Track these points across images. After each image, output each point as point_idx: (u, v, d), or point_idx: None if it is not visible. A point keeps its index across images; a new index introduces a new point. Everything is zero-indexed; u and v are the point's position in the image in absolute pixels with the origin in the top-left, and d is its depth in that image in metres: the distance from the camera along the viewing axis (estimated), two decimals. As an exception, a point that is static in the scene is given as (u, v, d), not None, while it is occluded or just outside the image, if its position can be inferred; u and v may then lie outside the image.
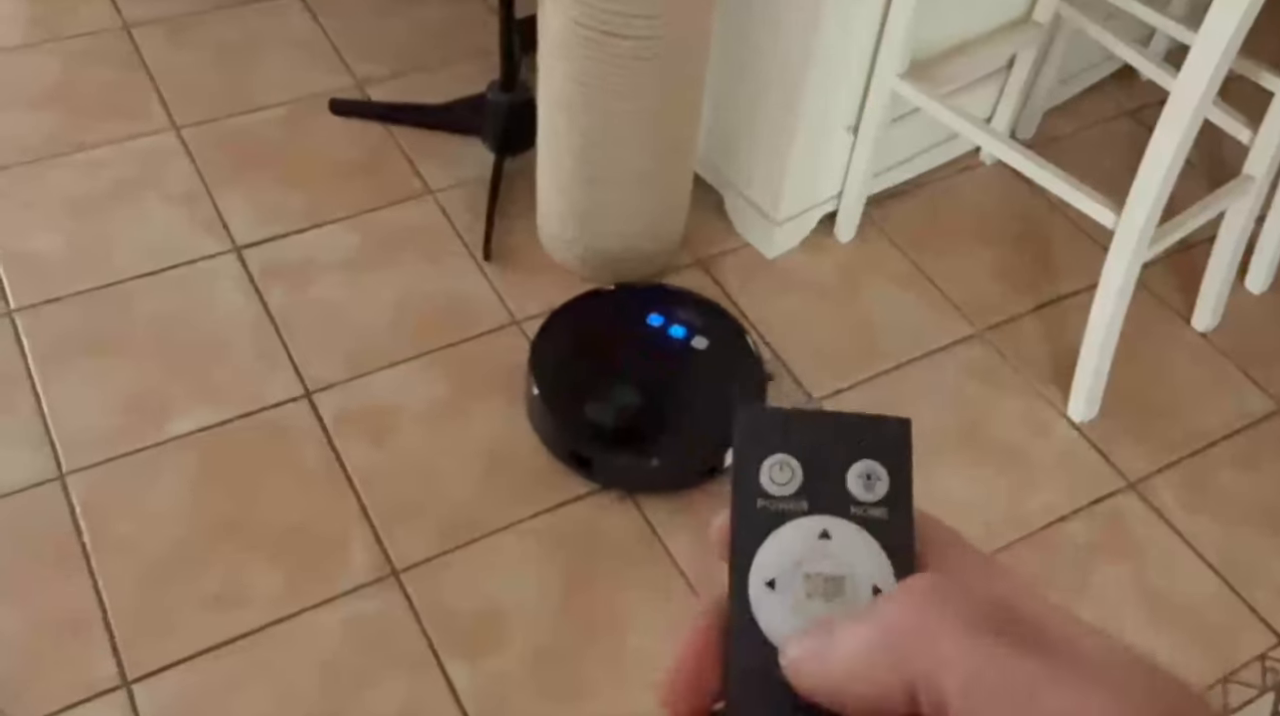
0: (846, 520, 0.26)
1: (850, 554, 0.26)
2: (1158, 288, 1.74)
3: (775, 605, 0.26)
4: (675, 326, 1.51)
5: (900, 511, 0.26)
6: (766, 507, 0.27)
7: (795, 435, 0.27)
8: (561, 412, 1.43)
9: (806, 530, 0.26)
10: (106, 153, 1.77)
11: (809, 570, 0.26)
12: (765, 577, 0.26)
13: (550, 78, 1.50)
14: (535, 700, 1.25)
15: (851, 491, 0.27)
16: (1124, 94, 2.05)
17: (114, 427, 1.43)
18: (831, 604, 0.26)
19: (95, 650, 1.24)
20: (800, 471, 0.27)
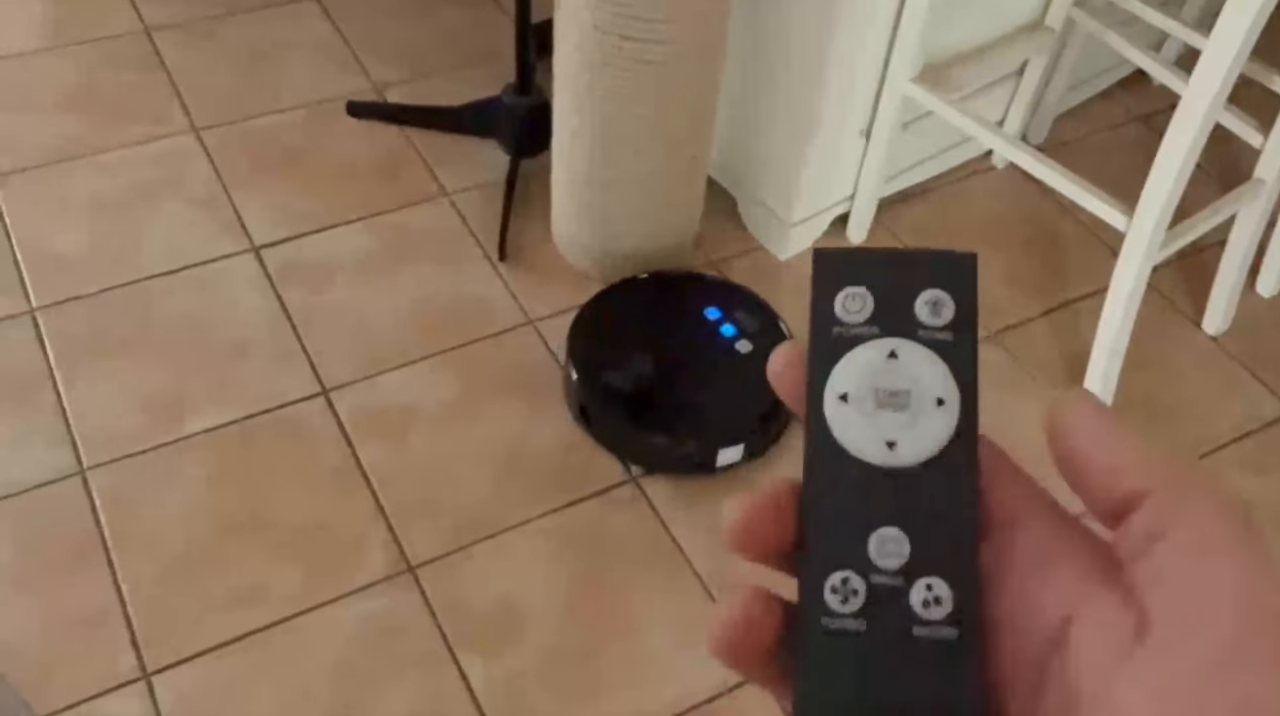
0: (913, 342, 0.29)
1: (915, 370, 0.28)
2: (1168, 291, 1.75)
3: (847, 414, 0.28)
4: (727, 324, 1.53)
5: (964, 335, 0.29)
6: (840, 334, 0.29)
7: (868, 269, 0.29)
8: (583, 368, 1.47)
9: (877, 351, 0.29)
10: (127, 154, 1.79)
11: (878, 385, 0.28)
12: (839, 393, 0.28)
13: (566, 81, 1.51)
14: (550, 698, 1.27)
15: (919, 317, 0.29)
16: (1135, 99, 2.06)
17: (134, 425, 1.45)
18: (899, 414, 0.28)
19: (115, 643, 1.26)
20: (871, 301, 0.29)
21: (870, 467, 0.28)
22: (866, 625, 0.27)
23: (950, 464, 0.28)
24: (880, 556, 0.27)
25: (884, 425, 0.28)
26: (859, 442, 0.28)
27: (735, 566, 0.29)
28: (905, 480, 0.28)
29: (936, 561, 0.27)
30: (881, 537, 0.27)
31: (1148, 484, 0.25)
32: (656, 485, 1.45)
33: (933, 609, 0.27)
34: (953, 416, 0.28)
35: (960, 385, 0.28)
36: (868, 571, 0.27)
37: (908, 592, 0.27)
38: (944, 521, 0.27)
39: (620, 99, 1.47)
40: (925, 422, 0.28)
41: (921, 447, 0.28)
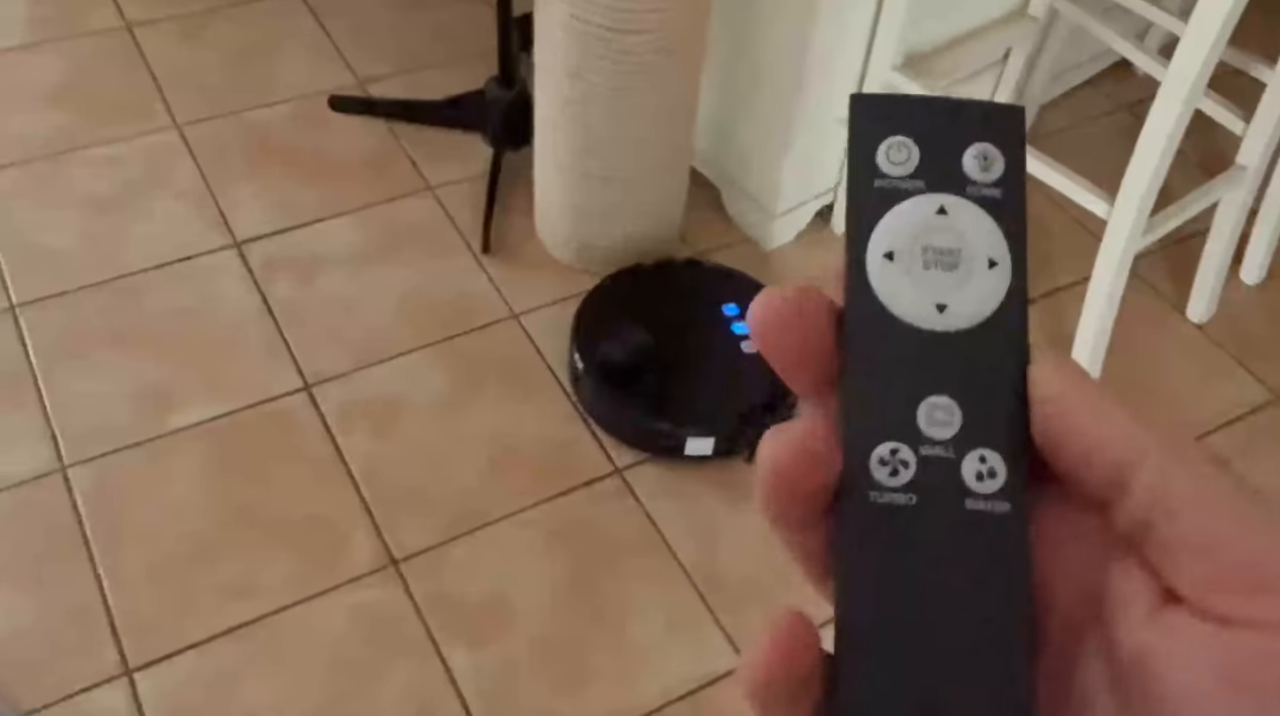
0: (963, 198, 0.27)
1: (966, 229, 0.27)
2: (1152, 279, 1.75)
3: (893, 275, 0.27)
4: (741, 323, 1.53)
5: (1014, 193, 0.27)
6: (883, 187, 0.27)
7: (911, 118, 0.27)
8: (582, 334, 1.50)
9: (924, 206, 0.27)
10: (112, 151, 1.79)
11: (926, 243, 0.27)
12: (883, 250, 0.27)
13: (546, 73, 1.51)
14: (537, 689, 1.27)
15: (967, 172, 0.27)
16: (1119, 88, 2.06)
17: (119, 420, 1.45)
18: (948, 275, 0.26)
19: (99, 639, 1.26)
20: (917, 152, 0.27)
21: (919, 332, 0.26)
22: (916, 499, 0.25)
23: (1003, 329, 0.26)
24: (930, 426, 0.26)
25: (933, 286, 0.26)
26: (906, 305, 0.26)
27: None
28: (956, 345, 0.26)
29: (989, 432, 0.26)
30: (931, 406, 0.26)
31: (1136, 456, 0.24)
32: (642, 477, 1.45)
33: (986, 482, 0.25)
34: (1005, 278, 0.26)
35: (1011, 245, 0.27)
36: (917, 442, 0.26)
37: (959, 465, 0.25)
38: (997, 390, 0.26)
39: (601, 91, 1.47)
40: (977, 284, 0.26)
41: (974, 310, 0.26)
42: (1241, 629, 0.22)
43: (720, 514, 1.43)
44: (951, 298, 0.26)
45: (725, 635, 1.32)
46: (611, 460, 1.46)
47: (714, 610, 1.34)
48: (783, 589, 1.35)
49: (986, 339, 0.26)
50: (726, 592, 1.35)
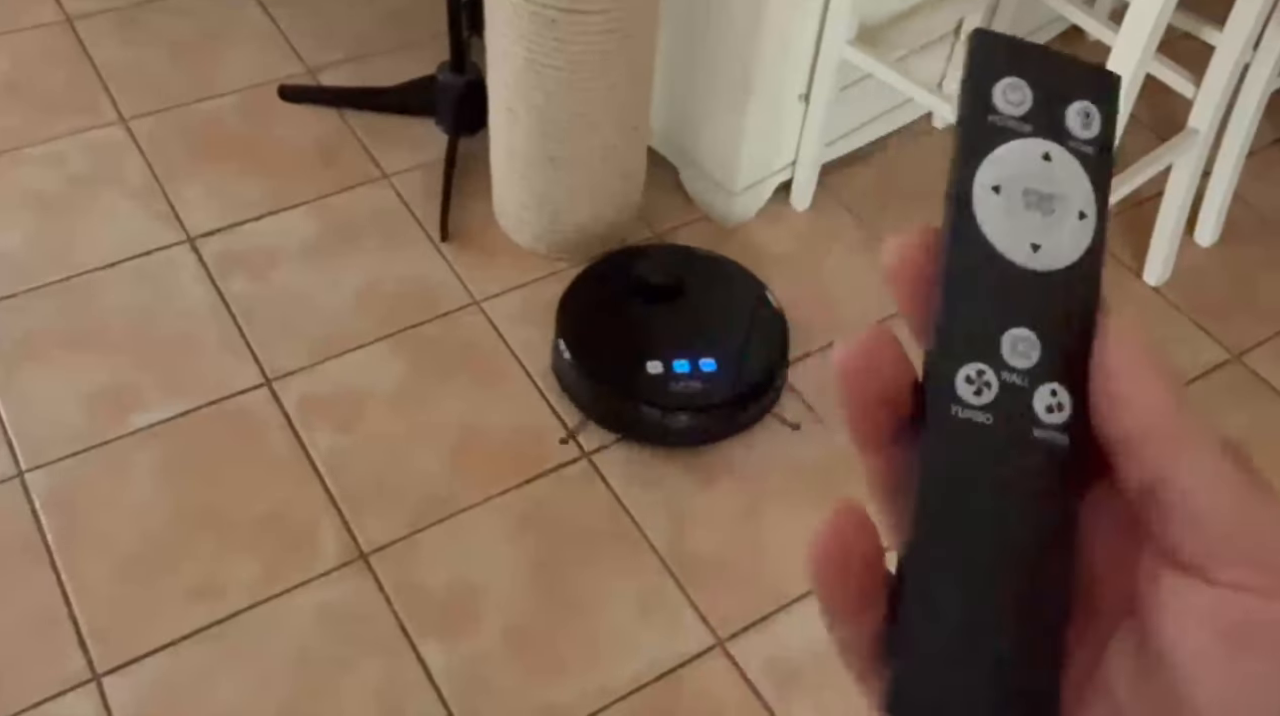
0: (1065, 149, 0.28)
1: (1066, 178, 0.28)
2: (1109, 243, 1.76)
3: (995, 207, 0.28)
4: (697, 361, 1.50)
5: (1105, 153, 0.29)
6: (995, 123, 0.28)
7: (1026, 63, 0.29)
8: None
9: (1032, 149, 0.28)
10: (56, 148, 1.75)
11: (1030, 185, 0.28)
12: (991, 184, 0.28)
13: (498, 57, 1.49)
14: (511, 678, 1.26)
15: (1069, 126, 0.28)
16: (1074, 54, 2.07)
17: (75, 424, 1.42)
18: (1045, 218, 0.28)
19: (64, 645, 1.24)
20: (1030, 96, 0.28)
21: (1013, 266, 0.28)
22: (993, 419, 0.27)
23: (1085, 275, 0.28)
24: (1012, 355, 0.27)
25: (1030, 225, 0.28)
26: (1005, 239, 0.28)
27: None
28: (1044, 284, 0.28)
29: (1061, 368, 0.27)
30: (1015, 337, 0.28)
31: (1151, 429, 0.25)
32: (611, 460, 1.45)
33: (1054, 414, 0.27)
34: (1090, 230, 0.28)
35: (1099, 202, 0.28)
36: (1000, 368, 0.27)
37: (1032, 395, 0.27)
38: (1072, 331, 0.27)
39: (554, 72, 1.45)
40: (1068, 231, 0.28)
41: (1063, 255, 0.28)
42: (1238, 592, 0.23)
43: (691, 496, 1.43)
44: (1045, 239, 0.28)
45: (698, 614, 1.32)
46: (579, 445, 1.46)
47: (687, 591, 1.34)
48: (755, 567, 1.36)
49: (1069, 283, 0.28)
50: (699, 573, 1.35)
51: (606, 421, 1.47)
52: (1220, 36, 1.51)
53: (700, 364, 1.45)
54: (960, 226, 0.28)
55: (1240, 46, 1.47)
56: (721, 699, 1.26)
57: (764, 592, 1.34)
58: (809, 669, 1.28)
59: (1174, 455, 0.25)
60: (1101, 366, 0.26)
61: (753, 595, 1.34)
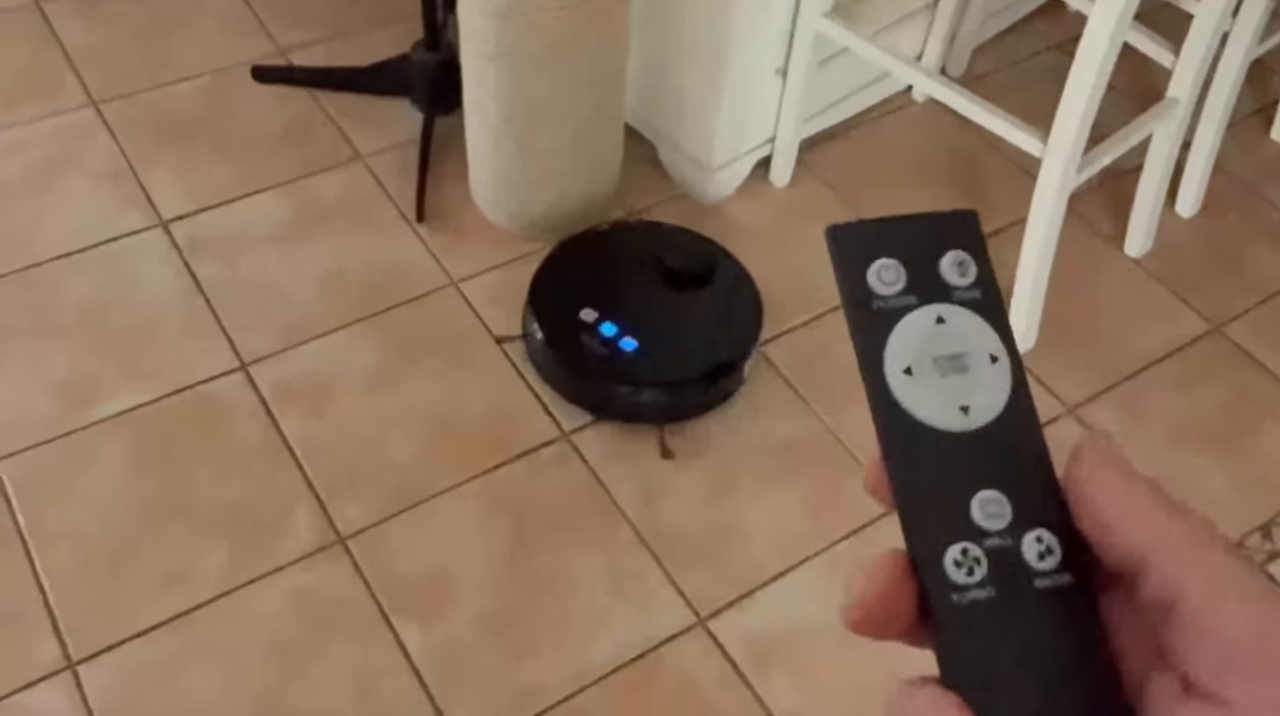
0: (953, 304, 0.29)
1: (964, 332, 0.29)
2: (1089, 215, 1.75)
3: (917, 388, 0.28)
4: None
5: (991, 289, 0.30)
6: (882, 307, 0.29)
7: (888, 239, 0.30)
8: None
9: (924, 318, 0.29)
10: (23, 133, 1.72)
11: (936, 353, 0.29)
12: (901, 367, 0.29)
13: (472, 36, 1.47)
14: (488, 659, 1.25)
15: (948, 279, 0.29)
16: (1050, 28, 2.05)
17: (44, 412, 1.40)
18: (962, 377, 0.29)
19: (37, 634, 1.22)
20: (903, 270, 0.29)
21: (951, 435, 0.28)
22: (995, 591, 0.27)
23: (1019, 414, 0.28)
24: (985, 519, 0.28)
25: (952, 391, 0.28)
26: (934, 413, 0.28)
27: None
28: (986, 440, 0.28)
29: (1037, 512, 0.28)
30: (982, 501, 0.28)
31: (1155, 539, 0.26)
32: (589, 440, 1.43)
33: (1047, 559, 0.27)
34: (1007, 369, 0.29)
35: (1003, 338, 0.29)
36: (979, 537, 0.27)
37: (1019, 548, 0.27)
38: (1030, 471, 0.28)
39: (528, 50, 1.43)
40: (988, 380, 0.28)
41: (991, 405, 0.28)
42: (1255, 711, 0.23)
43: (669, 474, 1.42)
44: (971, 398, 0.28)
45: (678, 592, 1.31)
46: (559, 425, 1.45)
47: (665, 568, 1.33)
48: (733, 545, 1.35)
49: (1009, 428, 0.28)
50: (678, 551, 1.34)
51: (577, 400, 1.46)
52: (1199, 5, 1.50)
53: (621, 342, 1.44)
54: (888, 417, 0.28)
55: (1219, 14, 1.46)
56: (702, 677, 1.25)
57: (743, 570, 1.33)
58: (789, 646, 1.27)
59: (1183, 569, 0.25)
60: (1079, 498, 0.27)
61: (732, 573, 1.33)
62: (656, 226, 1.62)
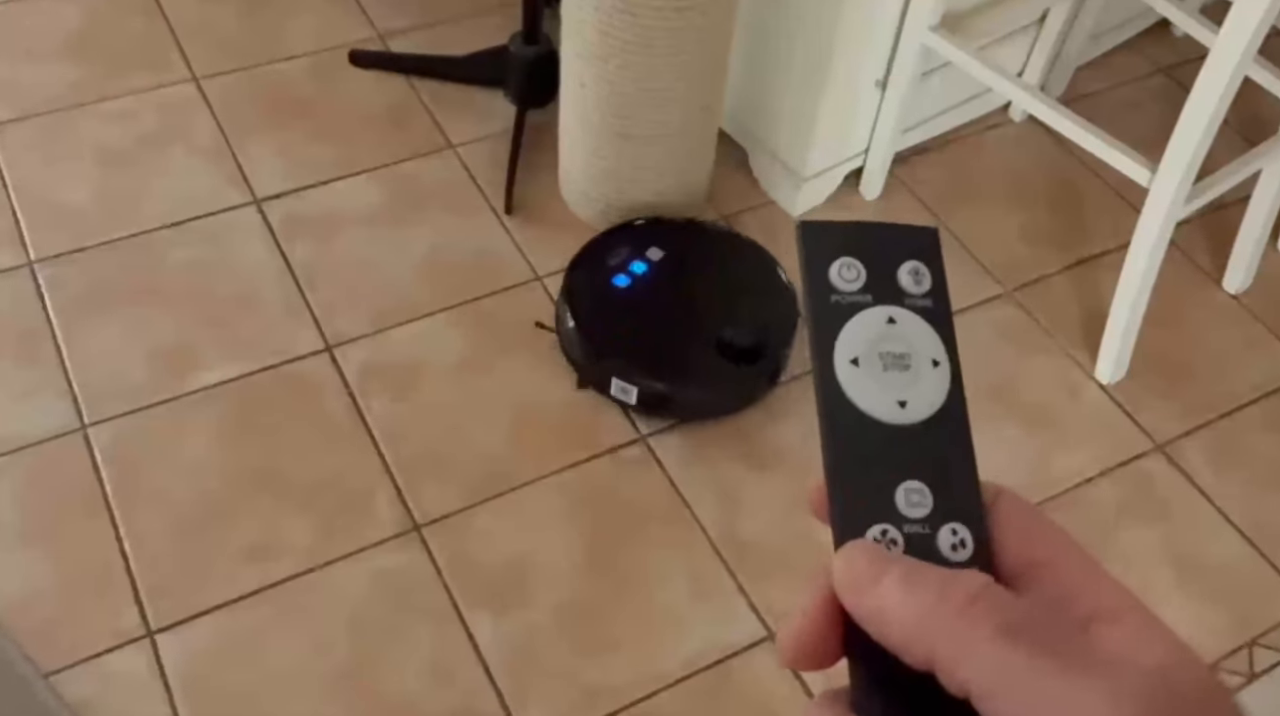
0: (904, 308, 0.31)
1: (911, 335, 0.31)
2: (1188, 248, 1.71)
3: (861, 378, 0.31)
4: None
5: (941, 301, 0.32)
6: (839, 302, 0.31)
7: (852, 241, 0.32)
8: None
9: (876, 317, 0.31)
10: (130, 103, 1.75)
11: (883, 349, 0.31)
12: (849, 357, 0.31)
13: (574, 29, 1.47)
14: (558, 654, 1.26)
15: (903, 286, 0.32)
16: (1157, 50, 2.01)
17: (139, 379, 1.43)
18: (904, 374, 0.31)
19: (121, 600, 1.25)
20: (863, 270, 0.32)
21: (887, 426, 0.30)
22: None
23: (952, 417, 0.30)
24: (908, 507, 0.30)
25: (893, 385, 0.31)
26: (874, 403, 0.30)
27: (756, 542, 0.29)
28: (918, 435, 0.30)
29: (955, 507, 0.30)
30: (907, 490, 0.30)
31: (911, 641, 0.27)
32: (667, 444, 1.43)
33: (959, 552, 0.29)
34: (946, 375, 0.31)
35: (947, 347, 0.31)
36: (900, 522, 0.29)
37: (935, 539, 0.29)
38: (955, 469, 0.30)
39: (631, 48, 1.43)
40: (927, 381, 0.31)
41: (928, 403, 0.31)
42: None
43: (745, 482, 1.41)
44: (909, 394, 0.31)
45: (750, 604, 1.31)
46: (636, 427, 1.45)
47: (739, 579, 1.32)
48: (807, 557, 1.34)
49: (940, 426, 0.30)
50: (751, 561, 1.34)
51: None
52: (1321, 38, 1.46)
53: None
54: (831, 403, 0.30)
55: (1342, 49, 1.42)
56: (773, 691, 1.25)
57: (818, 586, 1.32)
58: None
59: (951, 655, 0.26)
60: (819, 609, 0.29)
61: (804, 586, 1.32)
62: (694, 224, 1.60)
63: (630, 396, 1.42)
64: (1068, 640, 0.26)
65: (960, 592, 0.27)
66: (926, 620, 0.27)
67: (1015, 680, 0.25)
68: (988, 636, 0.26)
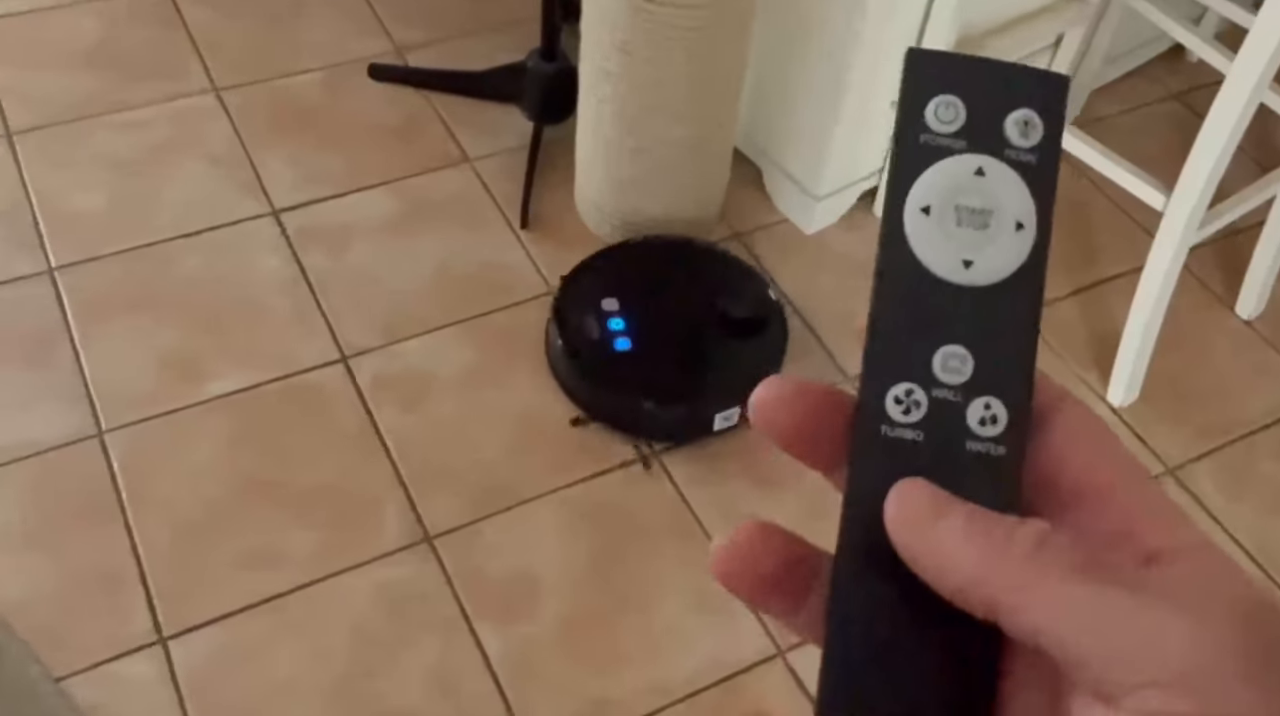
0: (1000, 161, 0.28)
1: (1000, 191, 0.28)
2: (1201, 272, 1.72)
3: (929, 229, 0.28)
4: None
5: (1049, 159, 0.28)
6: (928, 142, 0.28)
7: (961, 78, 0.29)
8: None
9: (963, 165, 0.28)
10: (147, 113, 1.77)
11: (961, 202, 0.28)
12: (921, 204, 0.28)
13: (594, 45, 1.48)
14: (565, 667, 1.26)
15: (1008, 135, 0.28)
16: (1171, 76, 2.02)
17: (152, 387, 1.44)
18: (977, 233, 0.28)
19: (132, 606, 1.25)
20: (964, 112, 0.28)
21: (944, 284, 0.28)
22: (924, 436, 0.27)
23: (1021, 288, 0.28)
24: (944, 372, 0.28)
25: (963, 242, 0.28)
26: (936, 257, 0.28)
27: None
28: (976, 300, 0.28)
29: (996, 382, 0.28)
30: (947, 354, 0.28)
31: (974, 580, 0.26)
32: (675, 459, 1.43)
33: (988, 427, 0.27)
34: (1029, 241, 0.28)
35: (1039, 210, 0.28)
36: (930, 385, 0.28)
37: (965, 409, 0.27)
38: (1008, 344, 0.28)
39: (648, 65, 1.44)
40: (1003, 244, 0.28)
41: (996, 269, 0.28)
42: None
43: (753, 498, 1.41)
44: (978, 255, 0.28)
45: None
46: (649, 442, 1.45)
47: (748, 596, 1.32)
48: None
49: (1005, 296, 0.28)
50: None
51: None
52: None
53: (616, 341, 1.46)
54: (890, 248, 0.28)
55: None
56: (779, 710, 1.24)
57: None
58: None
59: (1018, 601, 0.25)
60: (903, 534, 0.26)
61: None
62: (683, 241, 1.60)
63: (733, 418, 1.42)
64: (1138, 578, 0.25)
65: (1028, 538, 0.25)
66: (990, 565, 0.25)
67: (1092, 618, 0.24)
68: (1059, 578, 0.24)
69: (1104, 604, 0.24)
